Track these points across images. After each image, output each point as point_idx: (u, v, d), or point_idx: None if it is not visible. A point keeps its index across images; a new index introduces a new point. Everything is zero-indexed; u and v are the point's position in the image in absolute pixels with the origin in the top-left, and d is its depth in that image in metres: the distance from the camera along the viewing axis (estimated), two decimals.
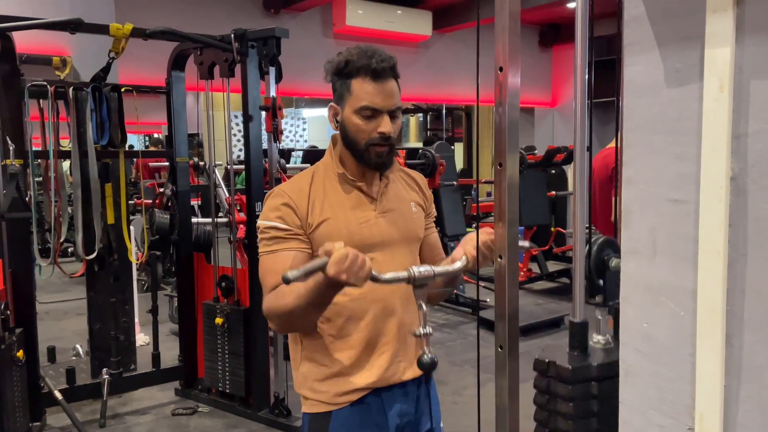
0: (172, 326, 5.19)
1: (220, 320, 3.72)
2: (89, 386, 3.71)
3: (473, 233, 1.39)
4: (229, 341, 3.74)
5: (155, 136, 10.96)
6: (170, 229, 4.06)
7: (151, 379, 4.02)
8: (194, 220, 4.41)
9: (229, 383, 3.78)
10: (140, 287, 5.98)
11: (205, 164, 4.70)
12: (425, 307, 1.36)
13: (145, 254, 4.10)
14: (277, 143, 3.59)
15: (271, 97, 3.49)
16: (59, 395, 3.45)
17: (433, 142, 7.10)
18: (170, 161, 4.06)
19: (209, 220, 4.30)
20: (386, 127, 1.51)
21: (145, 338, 4.87)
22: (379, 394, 1.59)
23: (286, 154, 7.12)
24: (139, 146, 9.34)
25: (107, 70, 3.51)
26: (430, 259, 1.73)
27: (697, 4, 0.80)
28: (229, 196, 4.85)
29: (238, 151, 9.26)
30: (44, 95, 3.52)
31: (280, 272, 1.50)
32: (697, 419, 0.82)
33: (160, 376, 4.03)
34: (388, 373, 1.59)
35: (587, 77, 1.14)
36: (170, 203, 4.08)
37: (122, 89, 3.67)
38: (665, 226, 0.86)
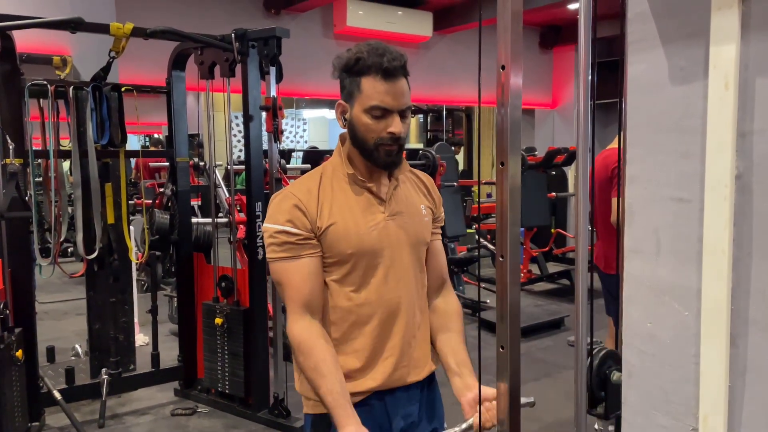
0: (171, 326, 5.19)
1: (219, 320, 3.72)
2: (88, 386, 3.70)
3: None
4: (228, 341, 3.73)
5: (155, 136, 10.95)
6: (170, 229, 4.06)
7: (150, 379, 4.01)
8: (194, 220, 4.41)
9: (228, 383, 3.77)
10: (140, 287, 5.98)
11: (205, 164, 4.70)
12: None
13: (145, 254, 4.09)
14: (277, 143, 3.58)
15: (271, 97, 3.48)
16: (58, 395, 3.44)
17: (444, 143, 7.01)
18: (170, 161, 4.05)
19: (209, 220, 4.29)
20: (396, 127, 1.48)
21: (144, 338, 4.86)
22: (382, 396, 1.58)
23: (286, 154, 7.10)
24: (138, 147, 9.31)
25: (107, 69, 3.50)
26: (431, 266, 1.69)
27: (701, 1, 0.79)
28: (229, 196, 4.85)
29: (238, 151, 9.25)
30: (44, 94, 3.51)
31: (299, 284, 1.51)
32: (701, 420, 0.81)
33: (159, 376, 4.02)
34: (392, 377, 1.57)
35: (591, 78, 1.13)
36: (170, 203, 4.07)
37: (122, 89, 3.67)
38: (669, 225, 0.86)
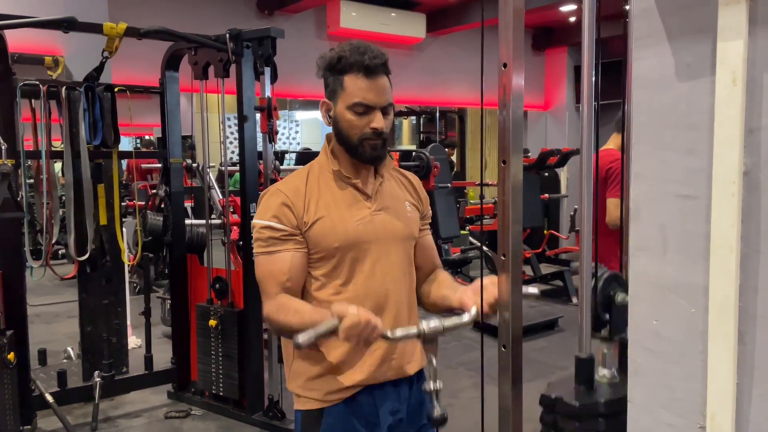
0: (164, 329, 5.15)
1: (213, 322, 3.69)
2: (81, 389, 3.66)
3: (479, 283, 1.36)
4: (222, 343, 3.70)
5: (147, 138, 10.90)
6: (163, 230, 4.03)
7: (143, 382, 3.98)
8: (187, 221, 4.38)
9: (222, 386, 3.75)
10: (132, 289, 5.94)
11: (198, 165, 4.67)
12: (435, 362, 1.37)
13: (138, 256, 4.06)
14: (272, 144, 3.56)
15: (266, 97, 3.47)
16: (50, 398, 3.41)
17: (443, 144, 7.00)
18: (163, 162, 4.02)
19: (203, 221, 4.26)
20: (379, 122, 1.53)
21: (137, 341, 4.83)
22: (371, 392, 1.61)
23: (279, 156, 7.08)
24: (130, 149, 9.24)
25: (100, 69, 3.48)
26: (423, 261, 1.74)
27: None
28: (222, 197, 4.82)
29: (230, 153, 9.21)
30: (36, 95, 3.48)
31: (277, 275, 1.54)
32: (708, 418, 0.81)
33: (152, 378, 3.99)
34: (379, 371, 1.60)
35: (594, 79, 1.12)
36: (163, 205, 4.04)
37: (115, 89, 3.64)
38: (675, 222, 0.85)
